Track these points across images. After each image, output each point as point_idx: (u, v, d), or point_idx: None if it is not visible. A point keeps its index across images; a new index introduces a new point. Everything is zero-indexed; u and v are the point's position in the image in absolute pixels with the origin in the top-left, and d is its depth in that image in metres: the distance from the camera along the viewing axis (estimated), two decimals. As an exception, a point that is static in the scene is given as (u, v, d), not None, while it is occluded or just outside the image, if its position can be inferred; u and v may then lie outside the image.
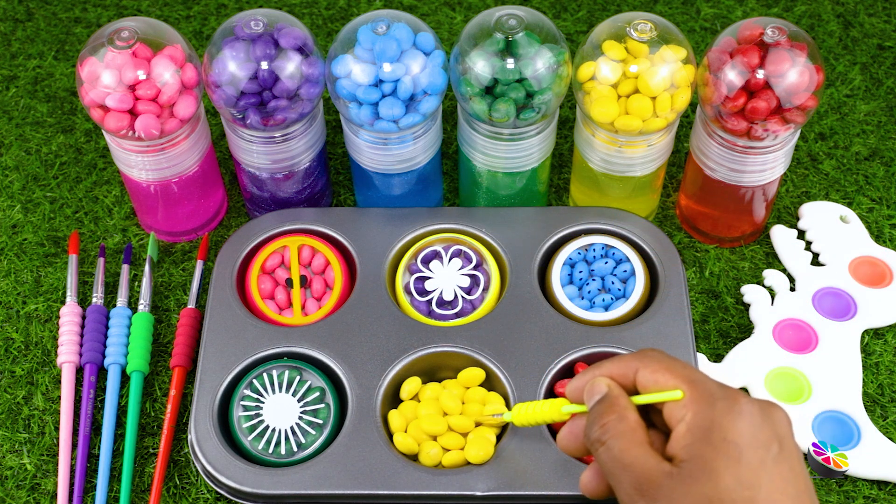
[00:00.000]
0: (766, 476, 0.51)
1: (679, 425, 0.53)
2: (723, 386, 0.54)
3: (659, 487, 0.52)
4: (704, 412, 0.52)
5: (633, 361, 0.56)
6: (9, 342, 0.81)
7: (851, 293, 0.81)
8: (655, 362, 0.55)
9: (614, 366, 0.57)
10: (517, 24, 0.74)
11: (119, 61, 0.74)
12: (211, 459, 0.71)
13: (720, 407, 0.52)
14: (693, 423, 0.52)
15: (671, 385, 0.54)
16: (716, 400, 0.52)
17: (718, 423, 0.52)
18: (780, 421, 0.53)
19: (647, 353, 0.56)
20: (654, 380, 0.55)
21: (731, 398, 0.53)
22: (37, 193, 0.89)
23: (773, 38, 0.73)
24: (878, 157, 0.91)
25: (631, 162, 0.80)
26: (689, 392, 0.53)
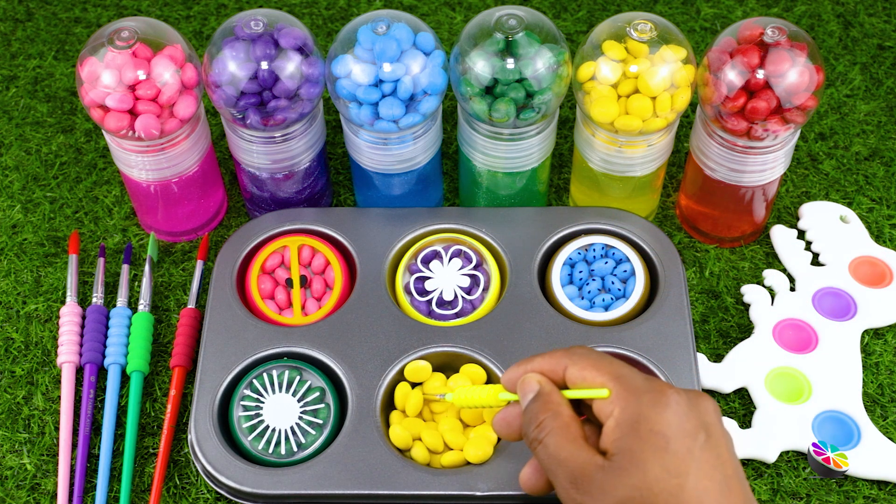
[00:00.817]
0: (693, 464, 0.53)
1: (608, 420, 0.55)
2: (649, 379, 0.56)
3: (592, 480, 0.54)
4: (631, 406, 0.54)
5: (562, 358, 0.59)
6: (9, 342, 0.81)
7: (851, 293, 0.81)
8: (583, 359, 0.58)
9: (545, 361, 0.59)
10: (517, 24, 0.74)
11: (119, 61, 0.74)
12: (211, 459, 0.71)
13: (646, 400, 0.54)
14: (621, 417, 0.55)
15: (598, 381, 0.56)
16: (642, 393, 0.55)
17: (645, 415, 0.54)
18: (707, 409, 0.55)
19: (575, 349, 0.59)
20: (582, 377, 0.57)
21: (657, 391, 0.55)
22: (37, 193, 0.89)
23: (773, 38, 0.73)
24: (878, 157, 0.91)
25: (631, 162, 0.80)
26: (616, 387, 0.55)
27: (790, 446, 0.74)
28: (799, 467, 0.74)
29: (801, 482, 0.73)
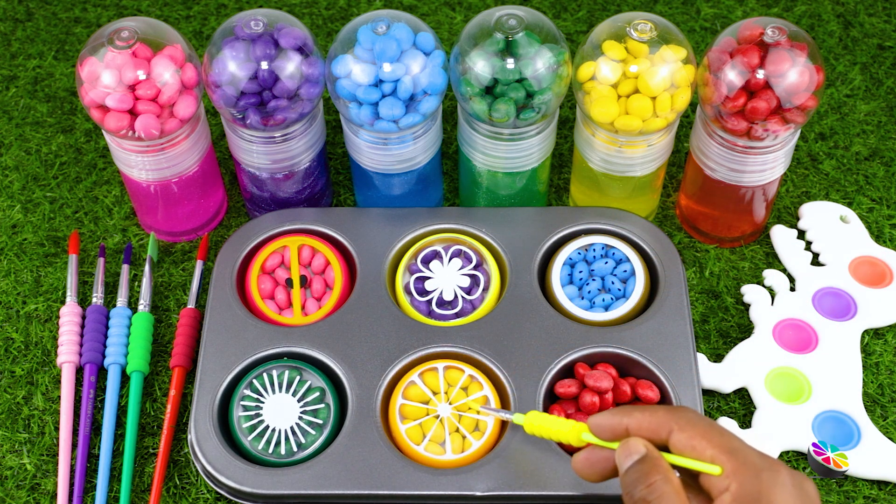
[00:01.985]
0: None
1: (724, 494, 0.54)
2: (763, 455, 0.56)
3: None
4: (750, 483, 0.54)
5: (667, 420, 0.57)
6: (9, 342, 0.81)
7: (851, 293, 0.81)
8: (692, 427, 0.56)
9: (645, 418, 0.58)
10: (517, 24, 0.74)
11: (119, 61, 0.74)
12: (211, 459, 0.71)
13: (765, 478, 0.54)
14: (739, 493, 0.54)
15: (708, 454, 0.55)
16: (760, 471, 0.54)
17: (765, 494, 0.54)
18: (812, 494, 0.55)
19: (683, 413, 0.58)
20: (692, 446, 0.56)
21: (774, 469, 0.55)
22: (37, 193, 0.89)
23: (773, 38, 0.73)
24: (878, 157, 0.91)
25: (631, 162, 0.80)
26: (731, 462, 0.55)
27: (790, 446, 0.74)
28: (799, 467, 0.74)
29: (801, 482, 0.73)
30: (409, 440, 0.71)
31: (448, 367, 0.74)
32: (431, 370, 0.74)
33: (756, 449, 0.56)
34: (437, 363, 0.74)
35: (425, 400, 0.73)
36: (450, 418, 0.72)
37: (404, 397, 0.73)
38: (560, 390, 0.74)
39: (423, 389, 0.73)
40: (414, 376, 0.73)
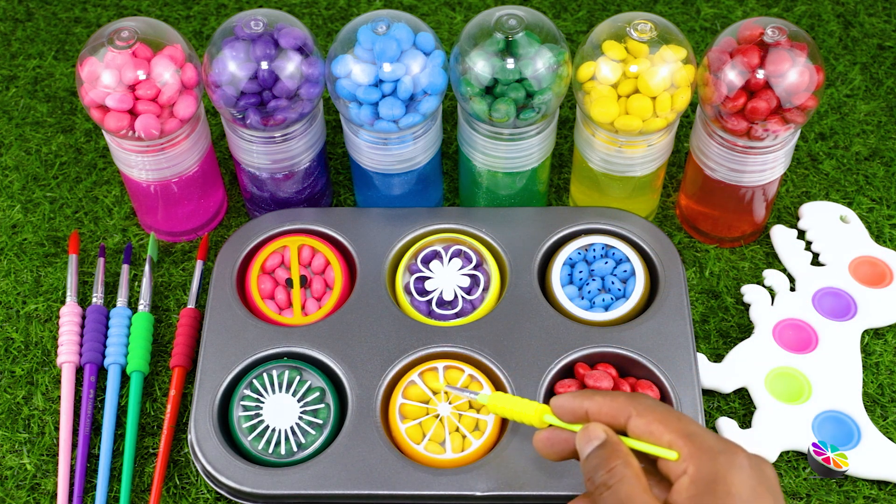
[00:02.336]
0: None
1: (682, 477, 0.55)
2: (721, 439, 0.56)
3: None
4: (707, 466, 0.54)
5: (626, 405, 0.58)
6: (9, 342, 0.81)
7: (851, 293, 0.81)
8: (650, 412, 0.57)
9: (605, 403, 0.58)
10: (517, 24, 0.74)
11: (119, 61, 0.74)
12: (211, 459, 0.71)
13: (722, 461, 0.54)
14: (696, 476, 0.54)
15: (666, 439, 0.56)
16: (717, 454, 0.55)
17: (722, 476, 0.54)
18: (771, 476, 0.56)
19: (641, 399, 0.58)
20: (650, 431, 0.56)
21: (732, 452, 0.55)
22: (37, 193, 0.89)
23: (773, 38, 0.73)
24: (878, 157, 0.91)
25: (631, 162, 0.80)
26: (687, 446, 0.55)
27: (790, 446, 0.74)
28: (799, 467, 0.74)
29: (802, 482, 0.73)
30: (409, 439, 0.71)
31: (448, 367, 0.74)
32: (431, 370, 0.74)
33: (714, 433, 0.57)
34: (437, 363, 0.74)
35: (425, 399, 0.73)
36: (450, 417, 0.72)
37: (404, 397, 0.73)
38: (560, 390, 0.74)
39: (422, 389, 0.73)
40: (414, 376, 0.73)
